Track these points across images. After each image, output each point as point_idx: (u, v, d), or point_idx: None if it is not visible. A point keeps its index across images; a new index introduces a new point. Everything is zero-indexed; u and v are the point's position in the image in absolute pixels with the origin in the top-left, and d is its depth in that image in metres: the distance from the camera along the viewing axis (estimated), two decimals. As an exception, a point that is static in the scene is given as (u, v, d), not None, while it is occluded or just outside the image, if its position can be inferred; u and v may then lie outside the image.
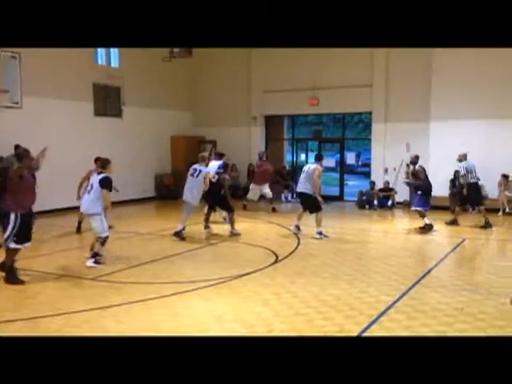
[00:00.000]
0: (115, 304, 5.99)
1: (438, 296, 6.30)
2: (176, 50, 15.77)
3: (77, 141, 14.13)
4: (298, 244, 9.55)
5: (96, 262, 7.86)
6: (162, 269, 7.80)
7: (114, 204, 14.84)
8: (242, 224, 11.22)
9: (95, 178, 8.02)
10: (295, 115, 18.49)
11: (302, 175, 10.43)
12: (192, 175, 10.01)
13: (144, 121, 16.62)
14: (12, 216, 6.80)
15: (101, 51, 15.65)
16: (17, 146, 12.19)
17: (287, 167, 18.44)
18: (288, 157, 19.75)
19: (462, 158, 11.62)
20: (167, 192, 16.99)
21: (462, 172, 11.45)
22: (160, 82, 17.15)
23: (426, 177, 11.13)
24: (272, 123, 18.38)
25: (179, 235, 9.82)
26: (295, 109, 17.39)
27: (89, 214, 7.99)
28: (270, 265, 7.98)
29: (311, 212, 10.34)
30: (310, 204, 10.25)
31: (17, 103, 10.48)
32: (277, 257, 8.46)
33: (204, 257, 8.78)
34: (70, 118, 14.22)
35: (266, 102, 17.58)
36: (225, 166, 10.96)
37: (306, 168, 10.53)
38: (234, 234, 10.36)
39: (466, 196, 11.55)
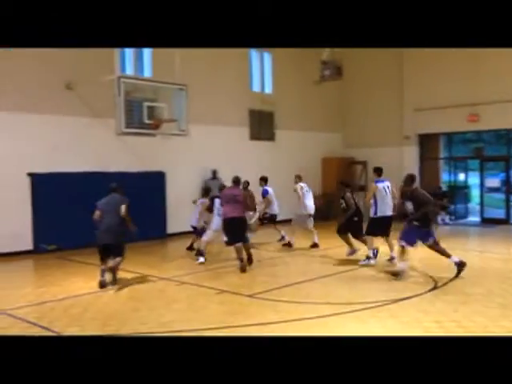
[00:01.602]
0: (273, 321, 6.16)
1: None
2: (327, 72, 15.97)
3: (234, 164, 14.96)
4: (460, 270, 8.92)
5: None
6: (315, 289, 7.85)
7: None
8: (395, 247, 10.80)
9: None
10: (452, 133, 17.51)
11: (386, 199, 9.44)
12: (308, 192, 11.90)
13: (295, 143, 17.06)
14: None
15: (256, 79, 16.48)
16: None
17: (443, 188, 17.47)
18: (444, 177, 18.70)
19: None
20: (316, 213, 17.08)
21: None
22: (310, 105, 17.51)
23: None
24: (426, 142, 17.64)
25: (287, 244, 11.68)
26: (452, 126, 16.49)
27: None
28: (430, 290, 7.58)
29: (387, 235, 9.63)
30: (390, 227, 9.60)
31: (183, 131, 11.42)
32: (436, 282, 8.01)
33: (358, 278, 8.62)
34: (229, 143, 15.16)
35: (420, 121, 16.94)
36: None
37: (385, 188, 9.49)
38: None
39: None
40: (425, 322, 6.04)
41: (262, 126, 16.51)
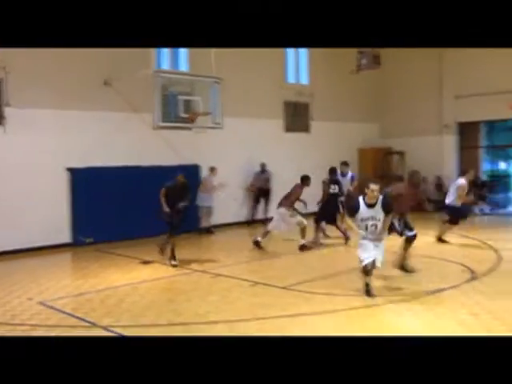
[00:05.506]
0: (305, 313, 6.17)
1: None
2: (364, 61, 15.72)
3: (269, 156, 14.96)
4: (500, 260, 8.70)
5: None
6: (350, 280, 7.79)
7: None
8: (432, 238, 10.64)
9: None
10: (493, 121, 16.98)
11: None
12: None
13: (331, 134, 16.89)
14: None
15: (291, 70, 16.38)
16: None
17: (482, 177, 17.02)
18: (485, 166, 18.20)
19: None
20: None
21: None
22: (347, 96, 17.28)
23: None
24: (466, 130, 17.17)
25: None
26: (493, 114, 15.96)
27: None
28: (466, 282, 7.42)
29: None
30: None
31: (218, 123, 11.49)
32: (473, 273, 7.84)
33: (394, 271, 8.50)
34: (263, 135, 15.13)
35: (460, 108, 16.48)
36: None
37: None
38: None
39: None
40: (461, 314, 5.94)
41: (297, 117, 16.42)
